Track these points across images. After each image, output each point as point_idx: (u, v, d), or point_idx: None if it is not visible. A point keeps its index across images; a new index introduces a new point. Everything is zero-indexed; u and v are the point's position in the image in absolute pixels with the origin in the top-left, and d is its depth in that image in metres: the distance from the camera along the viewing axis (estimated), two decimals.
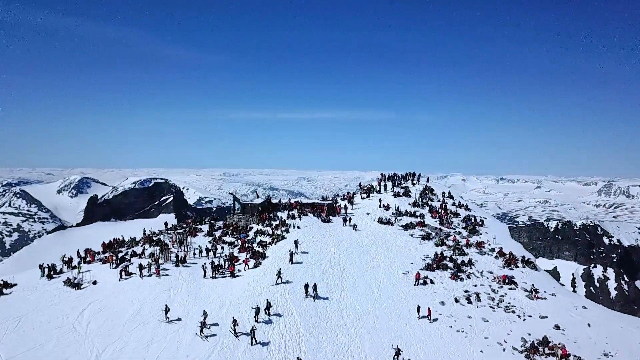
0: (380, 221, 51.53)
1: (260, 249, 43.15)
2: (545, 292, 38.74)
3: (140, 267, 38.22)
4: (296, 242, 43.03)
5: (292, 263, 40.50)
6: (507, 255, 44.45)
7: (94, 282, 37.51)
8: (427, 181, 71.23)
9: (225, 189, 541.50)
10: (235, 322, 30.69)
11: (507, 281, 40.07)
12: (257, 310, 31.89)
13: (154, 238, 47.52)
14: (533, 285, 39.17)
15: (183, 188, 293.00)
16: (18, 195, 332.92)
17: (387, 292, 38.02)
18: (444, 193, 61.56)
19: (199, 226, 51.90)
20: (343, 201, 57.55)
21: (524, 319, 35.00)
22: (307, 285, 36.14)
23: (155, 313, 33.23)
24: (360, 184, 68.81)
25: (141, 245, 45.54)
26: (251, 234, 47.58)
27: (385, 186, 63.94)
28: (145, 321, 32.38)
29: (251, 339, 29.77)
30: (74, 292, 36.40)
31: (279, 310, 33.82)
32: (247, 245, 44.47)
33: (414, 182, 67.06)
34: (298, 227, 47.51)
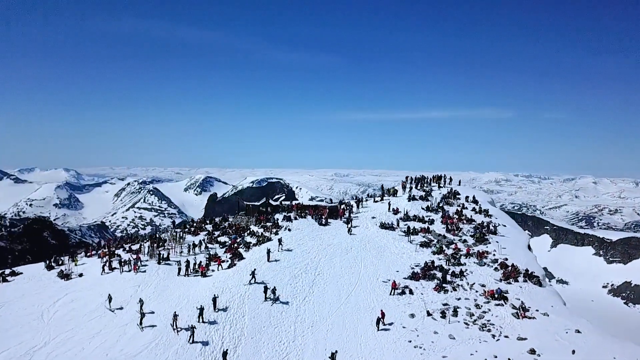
0: (382, 226, 48.82)
1: (242, 250, 43.13)
2: (537, 310, 33.72)
3: (121, 262, 40.23)
4: (280, 240, 42.88)
5: (269, 261, 40.10)
6: (510, 268, 39.53)
7: (80, 275, 40.30)
8: (459, 184, 66.49)
9: (335, 189, 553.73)
10: (175, 317, 30.90)
11: (496, 296, 35.59)
12: (202, 309, 31.84)
13: (157, 235, 49.77)
14: (522, 302, 34.34)
15: (296, 187, 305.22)
16: (151, 193, 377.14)
17: (356, 301, 35.79)
18: (467, 197, 56.67)
19: (205, 225, 53.29)
20: (348, 204, 55.51)
21: (498, 339, 30.76)
22: (266, 288, 35.41)
23: (115, 306, 34.71)
24: (382, 186, 65.84)
25: (144, 242, 47.87)
26: (245, 234, 47.79)
27: (411, 188, 60.56)
28: (103, 314, 33.98)
29: (189, 338, 29.82)
30: (60, 283, 39.44)
31: (231, 312, 33.47)
32: (235, 245, 44.71)
33: (441, 185, 62.70)
34: (289, 230, 46.76)
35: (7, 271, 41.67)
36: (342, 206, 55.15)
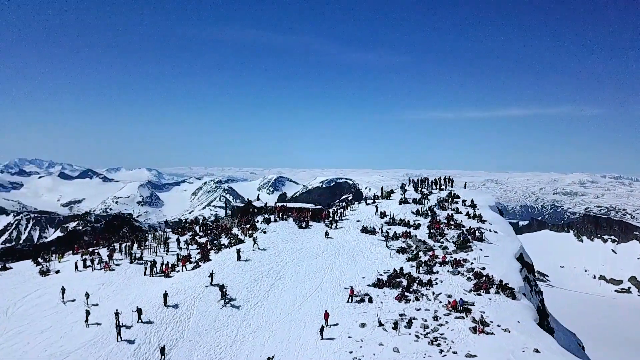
0: (364, 230, 47.09)
1: (213, 252, 43.10)
2: (499, 326, 30.89)
3: (92, 260, 41.42)
4: (255, 240, 43.02)
5: (239, 260, 40.20)
6: (484, 278, 36.66)
7: (57, 272, 41.88)
8: (464, 186, 63.10)
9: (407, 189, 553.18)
10: (117, 315, 31.20)
11: (459, 308, 33.05)
12: (139, 310, 31.97)
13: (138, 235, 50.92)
14: (482, 316, 31.62)
15: (365, 188, 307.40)
16: (226, 192, 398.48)
17: (309, 308, 34.54)
18: (464, 201, 53.51)
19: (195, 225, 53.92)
20: (339, 206, 54.07)
21: (444, 355, 28.37)
22: (222, 287, 35.21)
23: (75, 303, 35.70)
24: (382, 188, 63.69)
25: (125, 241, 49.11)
26: (223, 236, 47.80)
27: (404, 191, 58.19)
28: (61, 310, 35.02)
29: (117, 335, 30.07)
30: (38, 279, 41.24)
31: (178, 313, 33.38)
32: (209, 247, 44.79)
33: (442, 187, 59.73)
34: (264, 232, 46.19)
35: None
36: (334, 209, 53.78)
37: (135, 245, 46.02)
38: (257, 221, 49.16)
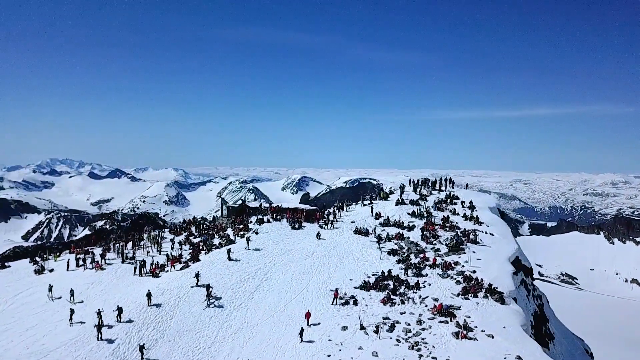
0: (357, 231, 46.52)
1: (203, 252, 43.14)
2: (483, 331, 30.04)
3: (85, 260, 41.89)
4: (248, 240, 43.11)
5: (229, 260, 40.43)
6: (473, 282, 35.78)
7: (51, 270, 42.49)
8: (466, 187, 61.95)
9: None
10: (99, 314, 31.38)
11: (444, 312, 32.29)
12: (120, 310, 32.12)
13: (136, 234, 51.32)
14: (466, 320, 30.81)
15: (389, 188, 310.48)
16: (250, 191, 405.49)
17: (292, 310, 34.19)
18: (462, 202, 52.45)
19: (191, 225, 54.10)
20: (337, 206, 53.60)
21: None
22: (208, 287, 35.21)
23: (62, 301, 36.11)
24: (381, 189, 62.91)
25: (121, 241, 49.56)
26: (216, 236, 47.82)
27: (402, 192, 57.42)
28: (49, 308, 35.46)
29: (98, 335, 30.23)
30: (32, 278, 41.87)
31: (161, 313, 33.43)
32: (201, 247, 44.86)
33: (441, 189, 58.72)
34: (256, 233, 46.05)
35: None
36: (329, 210, 53.38)
37: (130, 245, 46.40)
38: (251, 222, 49.05)
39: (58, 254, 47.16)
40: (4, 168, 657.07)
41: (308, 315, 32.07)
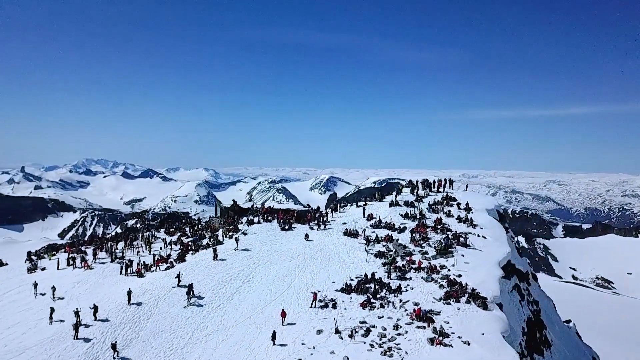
0: (346, 232, 45.93)
1: (190, 253, 43.26)
2: (459, 337, 29.09)
3: (74, 259, 42.49)
4: (237, 240, 43.11)
5: (215, 259, 40.56)
6: (456, 286, 34.78)
7: (43, 269, 43.25)
8: (466, 188, 60.61)
9: None
10: (77, 313, 31.72)
11: (423, 317, 31.45)
12: (96, 308, 32.39)
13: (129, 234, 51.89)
14: (442, 326, 29.91)
15: None
16: (279, 191, 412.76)
17: (270, 312, 33.80)
18: (459, 204, 51.22)
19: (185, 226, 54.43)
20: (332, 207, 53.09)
21: None
22: (190, 286, 35.29)
23: (46, 299, 36.68)
24: (378, 190, 62.07)
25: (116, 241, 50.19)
26: (207, 237, 47.90)
27: (397, 193, 56.48)
28: (33, 307, 36.06)
29: (74, 334, 30.53)
30: (24, 276, 42.76)
31: (139, 313, 33.60)
32: (190, 247, 45.02)
33: (439, 190, 57.56)
34: (244, 234, 45.94)
35: None
36: (325, 210, 52.93)
37: (122, 245, 46.92)
38: (241, 222, 48.99)
39: (53, 252, 47.99)
40: (42, 168, 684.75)
41: (283, 314, 31.84)
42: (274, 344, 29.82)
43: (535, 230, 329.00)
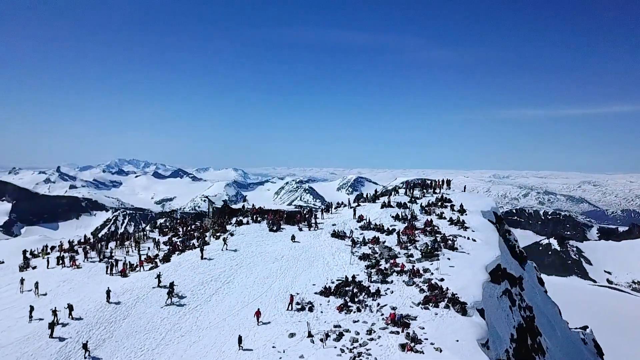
0: (334, 234, 45.37)
1: (176, 253, 43.37)
2: (432, 344, 28.24)
3: (63, 258, 43.07)
4: (225, 240, 43.53)
5: (202, 259, 40.75)
6: (436, 291, 33.86)
7: (34, 267, 43.98)
8: (464, 189, 59.31)
9: (493, 191, 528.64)
10: (54, 312, 32.05)
11: (398, 322, 30.70)
12: (70, 307, 32.66)
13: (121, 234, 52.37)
14: (415, 332, 29.09)
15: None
16: (306, 191, 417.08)
17: (246, 314, 33.46)
18: (452, 206, 50.07)
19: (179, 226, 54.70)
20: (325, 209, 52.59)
21: None
22: (171, 286, 35.39)
23: (31, 297, 37.24)
24: (375, 191, 61.22)
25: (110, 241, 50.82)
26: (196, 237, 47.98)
27: (390, 194, 55.64)
28: (17, 305, 36.64)
29: (50, 333, 30.83)
30: (15, 274, 43.46)
31: (115, 313, 33.76)
32: (177, 247, 45.15)
33: (435, 191, 56.45)
34: (231, 234, 45.81)
35: None
36: (318, 211, 52.50)
37: (113, 244, 47.42)
38: (230, 223, 48.92)
39: (47, 251, 48.77)
40: (77, 168, 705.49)
41: (258, 313, 31.57)
42: (240, 349, 29.50)
43: (568, 233, 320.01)
